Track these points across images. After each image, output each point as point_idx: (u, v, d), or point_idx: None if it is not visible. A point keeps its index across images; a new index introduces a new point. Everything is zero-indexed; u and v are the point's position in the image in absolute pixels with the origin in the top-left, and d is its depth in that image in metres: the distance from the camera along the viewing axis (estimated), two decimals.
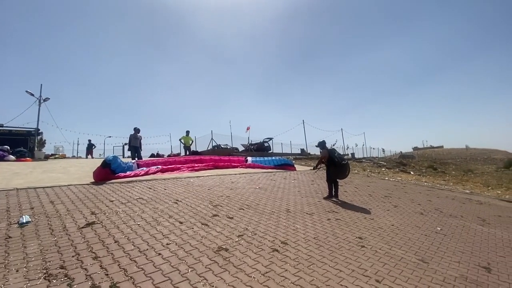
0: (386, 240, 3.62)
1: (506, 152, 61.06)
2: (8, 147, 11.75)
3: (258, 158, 11.23)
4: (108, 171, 6.36)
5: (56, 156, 16.70)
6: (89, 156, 19.02)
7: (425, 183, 11.10)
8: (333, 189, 5.92)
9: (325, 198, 5.80)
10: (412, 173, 15.61)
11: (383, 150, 43.69)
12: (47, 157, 14.55)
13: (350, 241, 3.43)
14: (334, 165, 5.83)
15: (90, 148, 19.43)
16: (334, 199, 5.81)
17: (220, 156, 11.31)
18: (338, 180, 6.05)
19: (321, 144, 6.24)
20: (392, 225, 4.33)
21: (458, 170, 22.86)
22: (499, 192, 10.85)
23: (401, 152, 47.44)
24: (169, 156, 21.27)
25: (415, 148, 76.42)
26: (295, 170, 10.66)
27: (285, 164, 10.91)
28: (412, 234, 3.99)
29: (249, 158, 11.07)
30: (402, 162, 20.75)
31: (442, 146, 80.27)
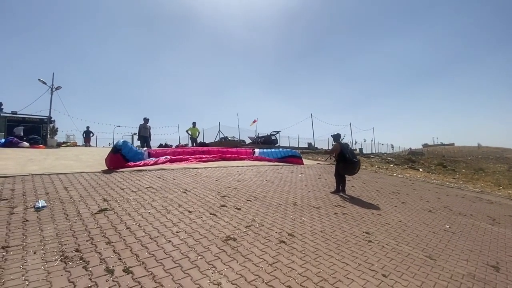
0: (393, 236, 3.61)
1: None
2: (23, 128, 12.14)
3: (265, 150, 11.21)
4: (119, 157, 6.44)
5: (68, 144, 17.08)
6: (87, 144, 17.88)
7: (434, 181, 10.94)
8: (341, 184, 5.89)
9: (332, 193, 5.79)
10: (421, 170, 15.39)
11: (392, 146, 43.13)
12: (59, 145, 14.89)
13: (357, 236, 3.44)
14: (344, 161, 5.76)
15: (88, 135, 18.10)
16: (341, 194, 5.79)
17: (228, 148, 11.29)
18: (346, 175, 6.01)
19: (335, 137, 6.14)
20: (400, 221, 4.31)
21: (468, 169, 22.42)
22: (511, 191, 10.63)
23: (410, 148, 46.76)
24: (177, 146, 21.52)
25: (425, 145, 75.07)
26: (303, 163, 10.63)
27: (292, 156, 10.83)
28: (420, 231, 3.97)
29: (257, 150, 11.03)
30: (411, 159, 20.46)
31: (453, 144, 78.60)
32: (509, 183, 14.47)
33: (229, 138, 21.43)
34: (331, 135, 6.43)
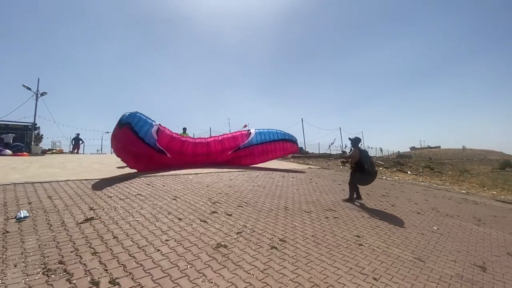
0: (383, 238, 3.65)
1: (502, 153, 61.54)
2: (13, 136, 11.78)
3: (261, 130, 10.09)
4: (128, 132, 6.04)
5: (53, 151, 16.59)
6: (76, 151, 17.07)
7: (422, 183, 11.18)
8: (355, 192, 5.53)
9: (345, 201, 5.47)
10: (409, 172, 15.71)
11: (381, 150, 43.90)
12: (44, 152, 14.46)
13: (348, 239, 3.45)
14: (362, 171, 5.29)
15: (77, 142, 17.32)
16: (358, 201, 5.47)
17: (223, 136, 10.00)
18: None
19: (354, 142, 5.53)
20: (390, 223, 4.36)
21: (454, 170, 23.02)
22: (495, 192, 10.96)
23: (398, 151, 47.66)
24: None
25: (413, 148, 76.71)
26: (297, 151, 10.55)
27: (289, 140, 10.34)
28: (409, 233, 4.03)
29: (252, 131, 9.94)
30: (399, 162, 20.85)
31: (439, 146, 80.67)
32: (493, 184, 14.93)
33: None
34: (349, 139, 5.76)
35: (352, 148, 5.55)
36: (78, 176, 5.81)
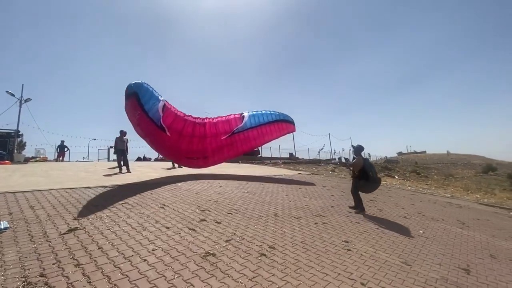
0: (371, 243, 3.69)
1: (484, 158, 63.86)
2: None
3: (255, 112, 9.61)
4: (134, 103, 5.90)
5: (37, 159, 16.06)
6: (60, 158, 16.45)
7: (409, 187, 11.43)
8: (358, 200, 5.44)
9: (357, 212, 5.29)
10: (396, 177, 16.05)
11: (369, 155, 44.61)
12: (27, 160, 13.98)
13: (337, 245, 3.48)
14: (366, 179, 5.22)
15: (62, 149, 16.70)
16: (357, 211, 5.35)
17: (217, 118, 9.16)
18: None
19: (357, 150, 5.50)
20: (377, 228, 4.42)
21: (440, 175, 23.67)
22: (478, 196, 11.32)
23: (386, 157, 48.64)
24: (156, 159, 20.93)
25: (400, 153, 78.46)
26: (294, 130, 10.29)
27: (285, 120, 9.97)
28: (396, 237, 4.09)
29: (246, 114, 9.44)
30: (387, 167, 21.28)
31: (425, 151, 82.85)
32: (476, 187, 15.43)
33: None
34: (352, 146, 5.79)
35: (355, 156, 5.52)
36: (63, 185, 5.64)
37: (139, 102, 6.14)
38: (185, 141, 8.16)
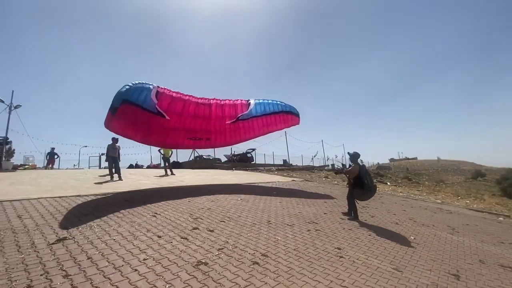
0: (363, 250, 3.72)
1: (474, 164, 65.19)
2: None
3: (262, 101, 9.17)
4: (131, 108, 5.93)
5: (26, 166, 15.68)
6: (50, 166, 16.20)
7: (401, 194, 11.56)
8: (353, 207, 5.44)
9: (350, 219, 5.31)
10: (388, 183, 16.22)
11: (362, 161, 45.11)
12: (15, 168, 13.63)
13: (329, 252, 3.49)
14: (361, 186, 5.20)
15: (52, 156, 16.55)
16: (350, 217, 5.40)
17: (224, 101, 8.69)
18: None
19: (353, 157, 5.47)
20: (369, 235, 4.46)
21: (431, 181, 24.04)
22: (468, 201, 11.53)
23: (378, 163, 49.17)
24: (148, 167, 20.72)
25: (392, 160, 79.49)
26: (298, 123, 9.96)
27: (290, 112, 9.63)
28: (388, 243, 4.13)
29: (252, 101, 9.00)
30: (379, 173, 21.51)
31: (416, 158, 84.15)
32: (466, 193, 15.71)
33: (204, 157, 21.14)
34: (349, 153, 5.71)
35: (351, 163, 5.49)
36: (52, 193, 5.53)
37: (134, 104, 6.13)
38: (187, 121, 7.86)
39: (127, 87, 6.26)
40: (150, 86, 6.94)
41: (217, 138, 8.73)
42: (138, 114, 6.66)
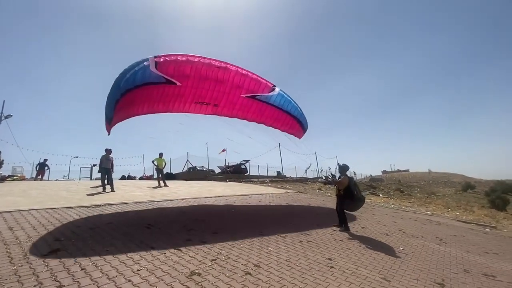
0: (353, 260, 3.81)
1: (464, 176, 66.39)
2: None
3: (287, 96, 8.55)
4: (128, 95, 5.51)
5: (14, 177, 15.35)
6: (40, 177, 15.82)
7: (392, 205, 11.74)
8: (343, 218, 5.56)
9: (341, 230, 5.43)
10: (381, 195, 16.42)
11: (355, 173, 45.41)
12: (3, 179, 13.36)
13: (320, 262, 3.57)
14: (351, 198, 5.37)
15: (42, 167, 16.16)
16: (341, 229, 5.51)
17: (248, 70, 7.90)
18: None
19: (342, 169, 5.65)
20: (360, 245, 4.56)
21: (422, 193, 24.36)
22: (458, 213, 11.76)
23: (371, 175, 49.60)
24: (141, 178, 20.51)
25: (384, 172, 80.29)
26: (300, 137, 9.45)
27: (301, 123, 9.10)
28: (377, 254, 4.23)
29: (277, 89, 8.33)
30: (372, 185, 21.75)
31: (408, 170, 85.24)
32: (456, 205, 16.01)
33: (198, 168, 21.07)
34: (338, 165, 5.88)
35: (340, 175, 5.62)
36: (43, 205, 5.49)
37: (134, 88, 5.67)
38: (196, 84, 7.19)
39: (117, 80, 5.81)
40: (145, 63, 6.28)
41: (225, 107, 7.97)
42: (143, 92, 6.13)
